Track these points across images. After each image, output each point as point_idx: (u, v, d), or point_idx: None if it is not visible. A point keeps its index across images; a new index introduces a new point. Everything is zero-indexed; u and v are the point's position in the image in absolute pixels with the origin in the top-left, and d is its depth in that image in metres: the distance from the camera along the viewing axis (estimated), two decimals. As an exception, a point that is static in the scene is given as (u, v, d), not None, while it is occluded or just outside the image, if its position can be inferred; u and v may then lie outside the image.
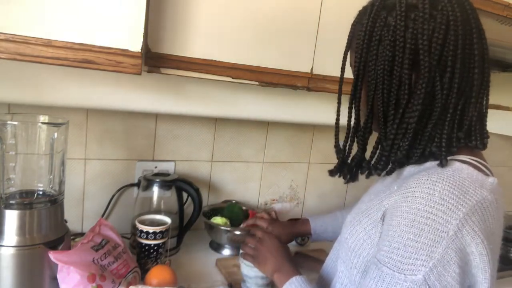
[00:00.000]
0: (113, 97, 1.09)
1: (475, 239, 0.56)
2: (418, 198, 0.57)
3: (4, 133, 0.83)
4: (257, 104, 1.25)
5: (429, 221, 0.56)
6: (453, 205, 0.56)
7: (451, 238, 0.55)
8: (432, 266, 0.55)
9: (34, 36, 0.77)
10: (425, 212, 0.56)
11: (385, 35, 0.64)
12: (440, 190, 0.57)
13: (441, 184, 0.57)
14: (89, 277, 0.81)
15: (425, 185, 0.58)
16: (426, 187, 0.58)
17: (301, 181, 1.59)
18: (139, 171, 1.30)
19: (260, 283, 1.01)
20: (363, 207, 0.72)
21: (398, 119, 0.64)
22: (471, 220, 0.56)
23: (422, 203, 0.57)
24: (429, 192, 0.57)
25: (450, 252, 0.55)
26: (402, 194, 0.60)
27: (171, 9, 0.93)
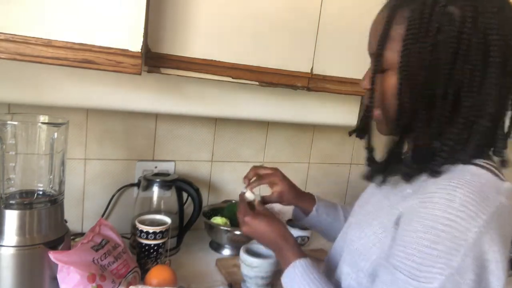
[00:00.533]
0: (113, 97, 1.09)
1: (493, 247, 0.54)
2: (438, 204, 0.55)
3: (4, 133, 0.83)
4: (257, 104, 1.25)
5: (448, 228, 0.54)
6: (473, 212, 0.54)
7: (470, 246, 0.53)
8: (448, 275, 0.53)
9: (34, 36, 0.77)
10: (444, 219, 0.54)
11: (446, 25, 0.57)
12: (460, 196, 0.54)
13: (461, 189, 0.55)
14: (89, 277, 0.81)
15: (445, 190, 0.56)
16: (446, 193, 0.55)
17: (301, 181, 1.58)
18: (139, 171, 1.30)
19: (260, 283, 1.01)
20: (370, 209, 0.70)
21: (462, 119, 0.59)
22: (490, 227, 0.54)
23: (442, 209, 0.55)
24: (449, 198, 0.55)
25: (467, 260, 0.53)
26: (420, 199, 0.58)
27: (171, 9, 0.93)
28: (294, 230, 1.37)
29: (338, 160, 1.63)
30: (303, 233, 1.37)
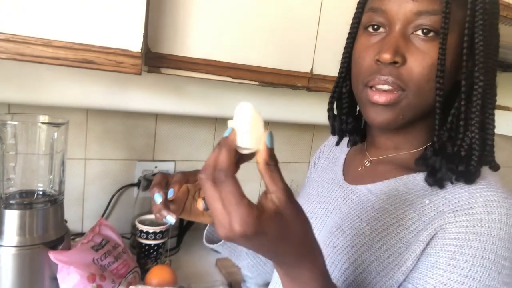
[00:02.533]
0: (113, 97, 1.09)
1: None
2: (497, 221, 0.47)
3: (4, 133, 0.83)
4: (257, 104, 1.24)
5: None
6: None
7: None
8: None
9: (34, 36, 0.77)
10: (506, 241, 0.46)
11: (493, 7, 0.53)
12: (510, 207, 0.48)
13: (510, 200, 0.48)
14: (89, 277, 0.81)
15: (498, 202, 0.48)
16: (501, 206, 0.47)
17: (301, 181, 1.58)
18: (139, 171, 1.30)
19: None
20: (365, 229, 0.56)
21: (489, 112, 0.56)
22: None
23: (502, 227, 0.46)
24: (507, 213, 0.47)
25: None
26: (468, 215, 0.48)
27: (171, 9, 0.93)
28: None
29: (338, 160, 1.63)
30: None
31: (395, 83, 0.52)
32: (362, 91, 0.56)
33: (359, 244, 0.54)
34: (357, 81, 0.57)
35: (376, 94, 0.53)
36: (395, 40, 0.52)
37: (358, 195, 0.60)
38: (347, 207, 0.61)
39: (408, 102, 0.53)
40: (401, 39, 0.51)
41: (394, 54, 0.51)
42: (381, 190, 0.58)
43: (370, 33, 0.56)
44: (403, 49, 0.51)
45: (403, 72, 0.52)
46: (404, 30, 0.52)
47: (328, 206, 0.65)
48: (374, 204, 0.57)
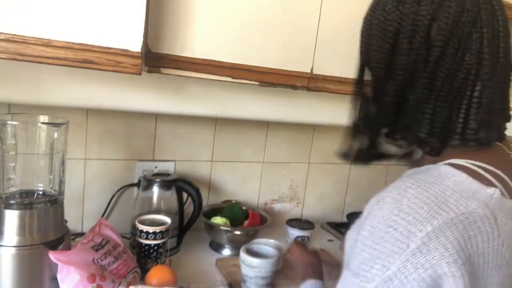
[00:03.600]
0: (113, 97, 1.09)
1: (446, 258, 0.48)
2: (387, 203, 0.53)
3: (4, 133, 0.83)
4: (257, 104, 1.25)
5: (390, 229, 0.50)
6: (422, 216, 0.49)
7: (412, 252, 0.49)
8: (386, 278, 0.50)
9: (34, 36, 0.77)
10: (388, 220, 0.51)
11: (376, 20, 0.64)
12: (410, 197, 0.51)
13: (413, 190, 0.51)
14: (89, 277, 0.81)
15: (397, 190, 0.53)
16: (397, 193, 0.52)
17: (301, 181, 1.59)
18: (139, 171, 1.30)
19: (260, 283, 1.01)
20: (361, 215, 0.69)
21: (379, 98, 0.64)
22: (444, 236, 0.49)
23: (389, 209, 0.52)
24: (398, 199, 0.52)
25: (409, 267, 0.49)
26: (377, 197, 0.56)
27: (171, 9, 0.93)
28: (294, 230, 1.38)
29: (338, 160, 1.62)
30: (303, 233, 1.37)
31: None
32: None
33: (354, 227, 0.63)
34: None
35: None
36: None
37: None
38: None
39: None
40: None
41: None
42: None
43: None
44: None
45: None
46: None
47: None
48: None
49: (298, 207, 1.61)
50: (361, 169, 1.68)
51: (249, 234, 1.24)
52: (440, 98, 0.56)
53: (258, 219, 1.31)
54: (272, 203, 1.55)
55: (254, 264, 0.99)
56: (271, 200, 1.55)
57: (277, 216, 1.55)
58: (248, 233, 1.24)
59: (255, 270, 0.99)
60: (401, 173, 0.64)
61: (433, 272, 0.48)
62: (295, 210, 1.60)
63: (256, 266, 0.99)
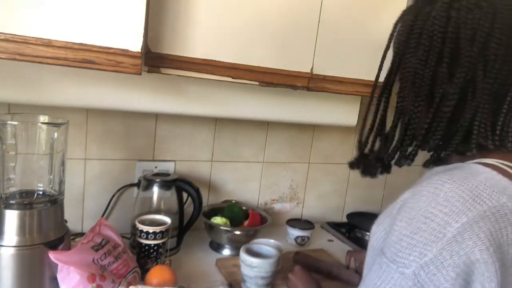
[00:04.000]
0: (113, 97, 1.09)
1: (479, 246, 0.53)
2: (424, 196, 0.57)
3: (4, 133, 0.83)
4: (257, 104, 1.25)
5: (428, 220, 0.55)
6: (458, 208, 0.54)
7: (448, 241, 0.54)
8: (423, 264, 0.55)
9: (34, 36, 0.77)
10: (426, 212, 0.56)
11: (425, 27, 0.64)
12: (446, 191, 0.56)
13: (449, 185, 0.56)
14: (89, 277, 0.81)
15: (433, 184, 0.57)
16: (433, 187, 0.57)
17: (301, 181, 1.59)
18: (139, 171, 1.30)
19: (260, 283, 1.01)
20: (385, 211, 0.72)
21: (433, 109, 0.64)
22: (478, 226, 0.54)
23: (426, 202, 0.56)
24: (434, 192, 0.56)
25: (445, 254, 0.54)
26: (413, 192, 0.60)
27: (171, 9, 0.93)
28: (294, 230, 1.38)
29: (338, 160, 1.63)
30: (303, 233, 1.37)
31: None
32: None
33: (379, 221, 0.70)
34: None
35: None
36: None
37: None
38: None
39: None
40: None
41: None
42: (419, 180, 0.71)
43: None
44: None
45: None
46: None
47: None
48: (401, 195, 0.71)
49: (298, 207, 1.61)
50: (361, 169, 1.68)
51: (249, 234, 1.24)
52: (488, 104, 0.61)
53: (258, 219, 1.31)
54: (272, 203, 1.55)
55: (254, 264, 0.99)
56: (271, 200, 1.55)
57: (277, 216, 1.55)
58: (248, 233, 1.24)
59: (255, 270, 0.99)
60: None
61: (467, 259, 0.53)
62: (295, 210, 1.60)
63: (256, 266, 0.99)
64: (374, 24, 1.14)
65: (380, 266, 0.60)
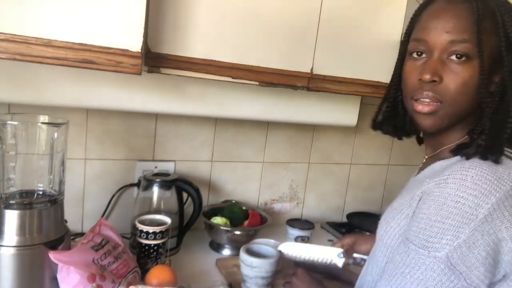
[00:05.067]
0: (113, 97, 1.09)
1: (505, 223, 0.57)
2: (450, 184, 0.60)
3: (4, 133, 0.83)
4: (257, 104, 1.25)
5: (458, 204, 0.58)
6: (486, 190, 0.57)
7: (480, 221, 0.57)
8: (456, 246, 0.57)
9: (34, 36, 0.77)
10: (455, 197, 0.58)
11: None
12: (472, 175, 0.58)
13: (474, 170, 0.59)
14: (89, 277, 0.81)
15: (458, 171, 0.60)
16: (459, 174, 0.60)
17: (301, 181, 1.59)
18: (139, 171, 1.30)
19: (260, 283, 1.01)
20: (395, 205, 0.73)
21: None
22: (504, 205, 0.57)
23: (454, 188, 0.59)
24: (461, 178, 0.59)
25: (476, 235, 0.57)
26: (436, 182, 0.62)
27: (171, 9, 0.93)
28: (294, 230, 1.38)
29: (338, 160, 1.63)
30: (303, 233, 1.38)
31: (434, 97, 0.67)
32: (409, 102, 0.71)
33: (390, 217, 0.72)
34: (406, 95, 0.73)
35: (419, 106, 0.69)
36: (434, 64, 0.66)
37: (407, 185, 0.78)
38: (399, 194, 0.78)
39: (445, 111, 0.67)
40: (439, 63, 0.66)
41: (433, 75, 0.66)
42: (418, 178, 0.75)
43: (415, 58, 0.70)
44: (440, 71, 0.66)
45: (440, 88, 0.66)
46: (441, 56, 0.66)
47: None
48: (408, 188, 0.74)
49: (298, 207, 1.61)
50: (361, 169, 1.68)
51: (249, 234, 1.24)
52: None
53: (258, 219, 1.31)
54: (272, 203, 1.55)
55: (254, 264, 0.99)
56: (271, 200, 1.55)
57: (277, 216, 1.55)
58: (248, 233, 1.24)
59: (255, 270, 0.99)
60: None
61: (495, 237, 0.57)
62: (295, 210, 1.60)
63: (256, 266, 0.99)
64: (374, 24, 1.14)
65: (407, 254, 0.62)
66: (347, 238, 1.07)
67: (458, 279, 0.57)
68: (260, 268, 0.99)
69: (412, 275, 0.60)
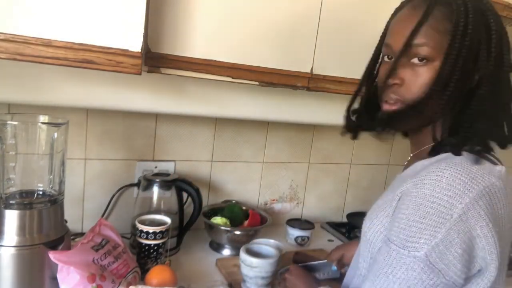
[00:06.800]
0: (113, 97, 1.09)
1: (480, 222, 0.59)
2: (427, 184, 0.62)
3: (4, 133, 0.83)
4: (257, 104, 1.24)
5: (434, 205, 0.60)
6: (460, 190, 0.59)
7: (455, 221, 0.59)
8: (434, 245, 0.59)
9: (34, 36, 0.77)
10: (431, 197, 0.60)
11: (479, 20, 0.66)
12: (447, 176, 0.60)
13: (448, 171, 0.61)
14: (89, 277, 0.81)
15: (434, 172, 0.62)
16: (434, 174, 0.62)
17: (301, 181, 1.59)
18: (139, 171, 1.30)
19: (260, 283, 1.01)
20: (380, 202, 0.75)
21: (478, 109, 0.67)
22: (478, 205, 0.59)
23: (430, 188, 0.61)
24: (437, 179, 0.61)
25: (452, 234, 0.59)
26: (413, 182, 0.64)
27: (171, 9, 0.93)
28: (294, 230, 1.38)
29: (338, 160, 1.63)
30: (303, 233, 1.38)
31: (396, 98, 0.70)
32: (381, 103, 0.74)
33: (373, 214, 0.73)
34: (378, 95, 0.75)
35: (386, 105, 0.72)
36: (396, 67, 0.69)
37: (392, 183, 0.79)
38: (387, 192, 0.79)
39: (408, 112, 0.69)
40: (401, 66, 0.69)
41: (393, 78, 0.69)
42: (401, 176, 0.76)
43: (386, 62, 0.74)
44: (402, 73, 0.69)
45: (402, 90, 0.69)
46: (403, 59, 0.68)
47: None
48: (392, 186, 0.76)
49: (298, 207, 1.61)
50: (361, 169, 1.69)
51: (249, 234, 1.24)
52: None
53: (258, 219, 1.31)
54: (272, 203, 1.55)
55: (254, 264, 0.99)
56: (271, 200, 1.55)
57: (277, 216, 1.55)
58: (248, 233, 1.24)
59: (255, 270, 0.99)
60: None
61: (470, 235, 0.60)
62: (295, 210, 1.60)
63: (256, 266, 0.99)
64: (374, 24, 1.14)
65: (389, 254, 0.64)
66: (334, 253, 1.10)
67: (437, 276, 0.60)
68: (260, 268, 0.99)
69: (394, 275, 0.62)
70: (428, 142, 0.73)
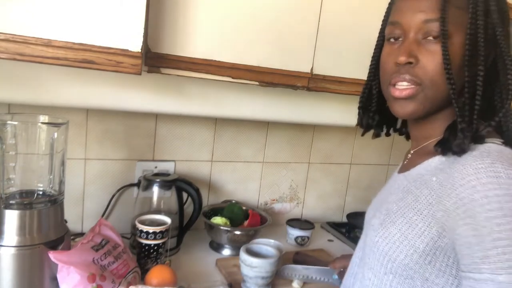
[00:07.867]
0: (113, 97, 1.09)
1: None
2: (489, 184, 0.54)
3: (4, 133, 0.83)
4: (257, 104, 1.24)
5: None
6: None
7: None
8: None
9: (34, 36, 0.77)
10: (505, 195, 0.53)
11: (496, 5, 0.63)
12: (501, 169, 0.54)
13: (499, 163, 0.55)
14: (89, 277, 0.81)
15: (486, 173, 0.55)
16: (489, 170, 0.55)
17: (301, 181, 1.59)
18: (139, 171, 1.30)
19: (260, 283, 1.01)
20: (393, 208, 0.67)
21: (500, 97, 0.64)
22: None
23: (495, 187, 0.53)
24: (495, 175, 0.54)
25: None
26: (470, 190, 0.55)
27: (171, 9, 0.93)
28: (294, 230, 1.38)
29: (338, 160, 1.63)
30: (303, 233, 1.37)
31: (411, 79, 0.63)
32: (387, 89, 0.68)
33: (387, 221, 0.66)
34: (383, 82, 0.70)
35: (397, 91, 0.65)
36: (409, 45, 0.64)
37: (398, 183, 0.73)
38: (389, 193, 0.74)
39: (424, 94, 0.64)
40: (414, 44, 0.63)
41: (408, 56, 0.63)
42: (411, 176, 0.69)
43: (392, 43, 0.68)
44: (416, 52, 0.63)
45: (417, 70, 0.63)
46: (416, 36, 0.64)
47: (382, 196, 0.79)
48: (404, 187, 0.69)
49: (298, 207, 1.61)
50: (361, 169, 1.68)
51: (249, 234, 1.24)
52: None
53: (258, 219, 1.31)
54: (272, 203, 1.55)
55: (254, 264, 0.99)
56: (271, 200, 1.55)
57: (277, 216, 1.55)
58: (248, 233, 1.24)
59: (255, 270, 0.99)
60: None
61: None
62: (295, 210, 1.60)
63: (256, 266, 0.99)
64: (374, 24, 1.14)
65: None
66: (338, 262, 1.03)
67: None
68: (260, 268, 0.99)
69: None
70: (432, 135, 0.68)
